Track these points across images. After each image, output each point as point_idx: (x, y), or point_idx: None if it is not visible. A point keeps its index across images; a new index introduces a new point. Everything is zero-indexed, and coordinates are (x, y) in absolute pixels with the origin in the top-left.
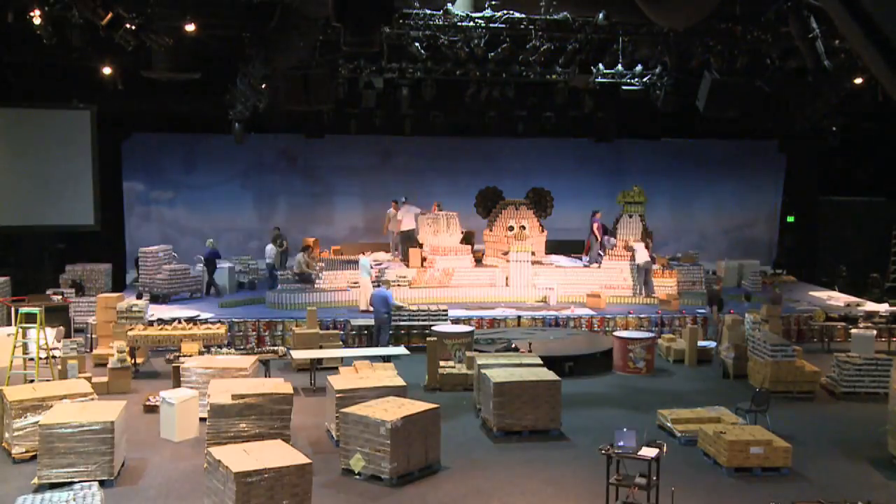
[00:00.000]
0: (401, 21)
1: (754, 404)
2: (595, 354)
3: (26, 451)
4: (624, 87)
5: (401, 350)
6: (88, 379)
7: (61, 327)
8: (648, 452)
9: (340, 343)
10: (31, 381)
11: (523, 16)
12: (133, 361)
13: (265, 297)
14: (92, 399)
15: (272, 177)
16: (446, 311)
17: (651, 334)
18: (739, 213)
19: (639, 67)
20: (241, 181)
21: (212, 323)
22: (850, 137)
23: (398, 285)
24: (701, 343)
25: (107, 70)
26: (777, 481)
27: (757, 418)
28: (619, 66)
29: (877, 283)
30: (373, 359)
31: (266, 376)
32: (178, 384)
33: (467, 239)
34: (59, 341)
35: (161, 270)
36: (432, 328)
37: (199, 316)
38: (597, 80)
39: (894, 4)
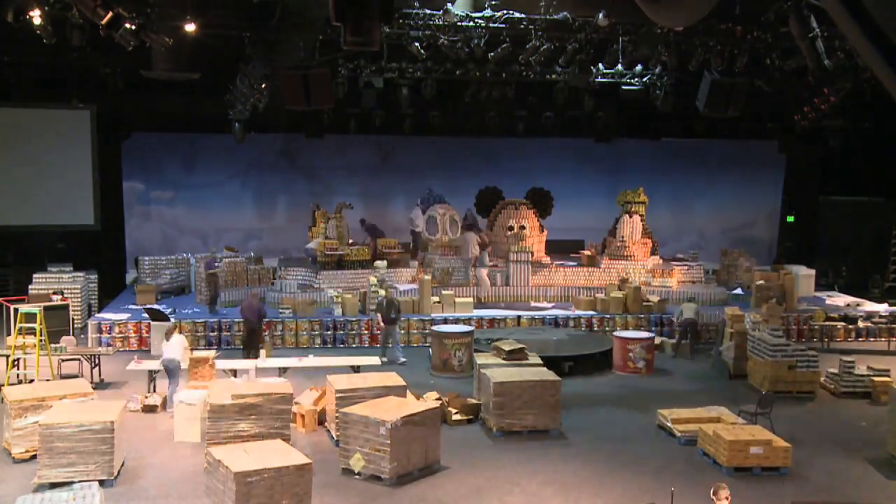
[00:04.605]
0: (401, 21)
1: (760, 407)
2: (595, 354)
3: (26, 451)
4: (624, 87)
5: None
6: None
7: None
8: None
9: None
10: (31, 381)
11: (523, 16)
12: None
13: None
14: (92, 399)
15: (272, 177)
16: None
17: (651, 334)
18: (739, 213)
19: (639, 67)
20: (241, 181)
21: None
22: (850, 137)
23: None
24: None
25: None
26: (777, 481)
27: (759, 421)
28: (619, 66)
29: (877, 283)
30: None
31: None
32: None
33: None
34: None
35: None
36: (433, 328)
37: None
38: (597, 80)
39: (894, 4)
